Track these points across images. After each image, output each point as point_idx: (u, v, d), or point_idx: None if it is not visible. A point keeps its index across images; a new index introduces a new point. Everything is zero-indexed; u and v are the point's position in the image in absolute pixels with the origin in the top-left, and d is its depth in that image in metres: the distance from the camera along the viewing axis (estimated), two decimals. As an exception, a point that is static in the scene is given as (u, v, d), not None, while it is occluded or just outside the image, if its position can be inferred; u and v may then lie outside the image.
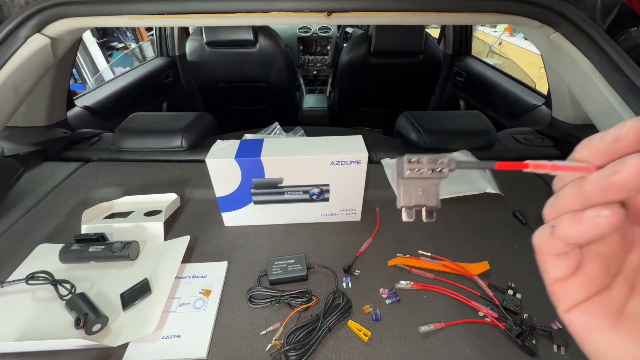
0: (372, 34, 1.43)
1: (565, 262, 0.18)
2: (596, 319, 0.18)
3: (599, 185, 0.15)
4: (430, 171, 0.20)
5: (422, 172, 0.20)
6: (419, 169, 0.20)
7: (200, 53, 1.54)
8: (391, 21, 0.63)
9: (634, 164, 0.14)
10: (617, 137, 0.15)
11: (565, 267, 0.18)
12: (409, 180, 0.20)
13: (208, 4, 0.60)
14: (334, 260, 0.55)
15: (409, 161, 0.20)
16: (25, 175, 0.76)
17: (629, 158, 0.14)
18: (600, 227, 0.15)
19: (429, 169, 0.20)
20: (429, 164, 0.20)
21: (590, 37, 0.60)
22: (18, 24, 0.61)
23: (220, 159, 0.54)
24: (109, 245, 0.54)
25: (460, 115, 0.98)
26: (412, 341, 0.44)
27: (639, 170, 0.14)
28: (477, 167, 0.20)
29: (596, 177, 0.15)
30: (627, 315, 0.18)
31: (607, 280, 0.18)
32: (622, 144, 0.15)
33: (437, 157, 0.20)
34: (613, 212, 0.15)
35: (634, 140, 0.14)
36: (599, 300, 0.18)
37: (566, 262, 0.18)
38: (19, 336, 0.43)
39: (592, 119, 0.64)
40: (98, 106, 1.18)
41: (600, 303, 0.18)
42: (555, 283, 0.19)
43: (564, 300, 0.19)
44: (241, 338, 0.45)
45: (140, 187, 0.72)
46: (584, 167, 0.16)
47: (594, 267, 0.18)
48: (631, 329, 0.18)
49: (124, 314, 0.47)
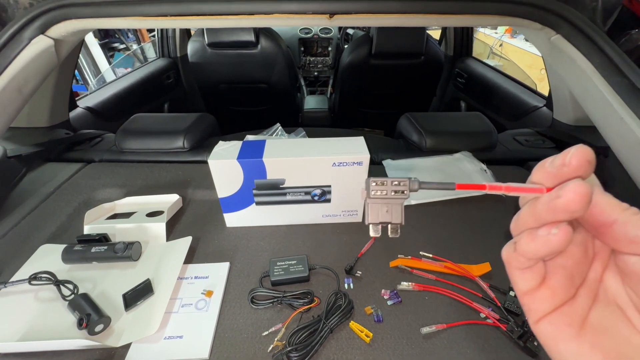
0: (373, 36, 1.44)
1: (530, 275, 0.19)
2: (561, 330, 0.19)
3: (547, 207, 0.17)
4: (393, 192, 0.23)
5: (386, 193, 0.23)
6: (383, 191, 0.23)
7: (201, 54, 1.54)
8: (393, 23, 0.64)
9: (571, 190, 0.15)
10: (562, 163, 0.16)
11: (531, 280, 0.19)
12: (375, 199, 0.23)
13: (210, 6, 0.61)
14: (335, 261, 0.55)
15: (374, 183, 0.22)
16: (27, 176, 0.77)
17: (569, 183, 0.16)
18: (552, 244, 0.17)
19: (392, 191, 0.23)
20: (392, 186, 0.22)
21: (591, 39, 0.60)
22: (22, 26, 0.62)
23: (222, 160, 0.55)
24: (112, 246, 0.54)
25: (462, 117, 0.98)
26: (413, 342, 0.44)
27: (576, 195, 0.15)
28: (439, 188, 0.21)
29: (544, 200, 0.17)
30: (589, 325, 0.19)
31: (571, 292, 0.19)
32: (567, 169, 0.16)
33: (399, 180, 0.22)
34: (561, 231, 0.16)
35: (576, 166, 0.16)
36: (564, 311, 0.19)
37: (531, 275, 0.19)
38: (21, 336, 0.43)
39: (593, 121, 0.64)
40: (100, 107, 1.18)
41: (564, 314, 0.19)
42: (524, 295, 0.20)
43: (533, 311, 0.20)
44: (243, 339, 0.45)
45: (142, 188, 0.72)
46: (536, 188, 0.18)
47: (557, 279, 0.19)
48: (593, 339, 0.19)
49: (126, 314, 0.47)
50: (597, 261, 0.20)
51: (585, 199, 0.15)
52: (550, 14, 0.62)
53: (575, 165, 0.16)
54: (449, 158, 0.80)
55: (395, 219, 0.24)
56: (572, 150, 0.16)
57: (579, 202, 0.16)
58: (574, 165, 0.16)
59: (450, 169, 0.77)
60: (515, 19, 0.64)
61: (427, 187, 0.22)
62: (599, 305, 0.19)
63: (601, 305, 0.19)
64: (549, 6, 0.62)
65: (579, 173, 0.16)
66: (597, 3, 0.63)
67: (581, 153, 0.16)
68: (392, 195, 0.23)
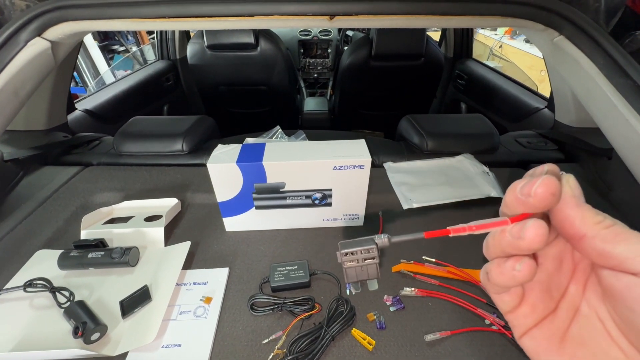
0: (373, 37, 1.43)
1: (508, 297, 0.20)
2: (542, 344, 0.20)
3: (510, 245, 0.18)
4: (363, 259, 0.25)
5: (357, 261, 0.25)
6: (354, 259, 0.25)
7: (201, 56, 1.54)
8: (394, 24, 0.63)
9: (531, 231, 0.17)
10: (528, 193, 0.17)
11: (510, 301, 0.20)
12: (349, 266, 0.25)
13: (209, 7, 0.60)
14: (337, 267, 0.54)
15: (344, 254, 0.25)
16: (24, 179, 0.76)
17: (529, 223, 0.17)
18: (517, 279, 0.18)
19: (363, 258, 0.25)
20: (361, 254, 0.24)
21: (594, 40, 0.59)
22: (18, 28, 0.61)
23: (221, 164, 0.54)
24: (109, 252, 0.53)
25: (463, 119, 0.97)
26: (417, 350, 0.43)
27: (536, 236, 0.17)
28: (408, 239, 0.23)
29: (507, 239, 0.18)
30: (569, 338, 0.19)
31: (551, 306, 0.20)
32: (532, 200, 0.17)
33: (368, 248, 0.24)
34: (524, 266, 0.17)
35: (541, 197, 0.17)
36: (545, 325, 0.20)
37: (509, 297, 0.20)
38: (14, 346, 0.42)
39: (597, 123, 0.63)
40: (99, 110, 1.17)
41: (545, 328, 0.20)
42: (507, 314, 0.21)
43: (517, 327, 0.21)
44: (243, 347, 0.44)
45: (141, 192, 0.71)
46: (500, 222, 0.19)
47: (535, 295, 0.20)
48: (573, 351, 0.19)
49: (123, 322, 0.46)
50: (577, 273, 0.20)
51: (544, 238, 0.17)
52: (553, 15, 0.61)
53: (540, 198, 0.17)
54: (450, 160, 0.79)
55: (372, 275, 0.26)
56: (538, 182, 0.17)
57: (539, 242, 0.17)
58: (538, 198, 0.17)
59: (452, 171, 0.76)
60: (517, 20, 0.63)
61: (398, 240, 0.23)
62: (580, 317, 0.19)
63: (582, 317, 0.19)
64: (552, 7, 0.61)
65: (543, 206, 0.17)
66: (600, 4, 0.62)
67: (546, 186, 0.17)
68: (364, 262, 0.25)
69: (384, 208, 0.66)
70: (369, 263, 0.25)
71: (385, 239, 0.23)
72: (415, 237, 0.22)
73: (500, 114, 1.33)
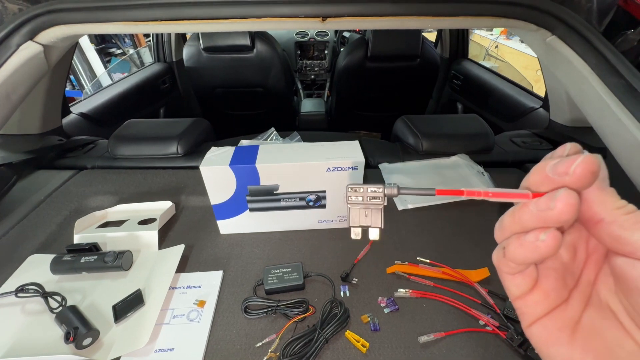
0: (368, 38, 1.44)
1: (521, 280, 0.19)
2: (553, 333, 0.19)
3: (536, 217, 0.16)
4: (369, 199, 0.24)
5: (362, 199, 0.24)
6: (359, 197, 0.24)
7: (197, 59, 1.54)
8: (387, 26, 0.63)
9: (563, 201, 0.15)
10: (565, 171, 0.16)
11: (523, 285, 0.19)
12: (354, 204, 0.24)
13: (202, 10, 0.60)
14: (331, 268, 0.54)
15: (350, 189, 0.24)
16: (18, 184, 0.75)
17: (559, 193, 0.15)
18: (541, 250, 0.16)
19: (368, 197, 0.24)
20: (368, 192, 0.24)
21: (587, 39, 0.59)
22: (10, 32, 0.60)
23: (214, 167, 0.53)
24: (102, 256, 0.53)
25: (458, 119, 0.97)
26: (411, 352, 0.43)
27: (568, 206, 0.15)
28: (419, 193, 0.22)
29: (532, 210, 0.16)
30: (581, 329, 0.19)
31: (564, 295, 0.19)
32: (569, 179, 0.16)
33: (375, 187, 0.23)
34: (549, 237, 0.16)
35: (580, 176, 0.15)
36: (556, 315, 0.19)
37: (523, 280, 0.19)
38: (5, 352, 0.42)
39: (591, 122, 0.63)
40: (94, 113, 1.17)
41: (557, 318, 0.19)
42: (517, 300, 0.20)
43: (525, 315, 0.20)
44: (236, 351, 0.44)
45: (135, 195, 0.71)
46: (521, 194, 0.17)
47: (549, 283, 0.19)
48: (585, 343, 0.18)
49: (115, 327, 0.45)
50: (590, 263, 0.19)
51: (576, 208, 0.15)
52: (545, 15, 0.62)
53: (579, 176, 0.15)
54: (445, 161, 0.79)
55: (375, 223, 0.25)
56: (578, 161, 0.15)
57: (571, 212, 0.15)
58: (577, 175, 0.15)
59: (447, 172, 0.76)
60: (510, 21, 0.63)
61: (407, 192, 0.22)
62: (592, 308, 0.19)
63: (594, 308, 0.19)
64: (544, 7, 0.61)
65: (581, 185, 0.16)
66: (592, 4, 0.62)
67: (587, 163, 0.15)
68: (369, 201, 0.24)
69: (379, 209, 0.65)
70: (374, 205, 0.24)
71: (395, 188, 0.23)
72: (426, 192, 0.21)
73: (496, 113, 1.34)
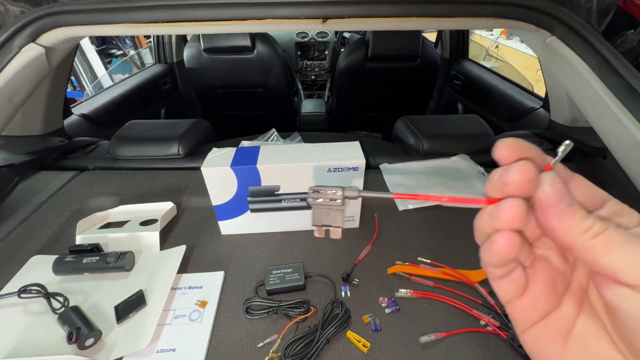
0: (369, 39, 1.44)
1: (508, 284, 0.19)
2: (545, 342, 0.19)
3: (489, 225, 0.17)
4: (329, 200, 0.25)
5: (322, 200, 0.26)
6: (319, 199, 0.26)
7: (198, 60, 1.54)
8: (387, 27, 0.63)
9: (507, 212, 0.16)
10: (505, 182, 0.17)
11: (510, 290, 0.19)
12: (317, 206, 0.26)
13: (203, 12, 0.60)
14: (332, 269, 0.54)
15: (312, 191, 0.26)
16: (20, 185, 0.76)
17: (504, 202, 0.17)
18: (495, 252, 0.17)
19: (327, 199, 0.25)
20: (327, 194, 0.25)
21: (586, 40, 0.60)
22: (12, 34, 0.61)
23: (215, 168, 0.54)
24: (104, 256, 0.53)
25: (459, 119, 0.97)
26: (412, 352, 0.43)
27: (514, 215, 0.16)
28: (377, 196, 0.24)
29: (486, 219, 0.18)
30: (574, 336, 0.18)
31: (555, 301, 0.19)
32: (509, 188, 0.17)
33: (335, 189, 0.25)
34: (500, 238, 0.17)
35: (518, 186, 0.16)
36: (549, 322, 0.19)
37: (509, 284, 0.19)
38: (8, 353, 0.42)
39: (591, 122, 0.63)
40: (95, 114, 1.17)
41: (548, 325, 0.19)
42: (507, 305, 0.20)
43: (518, 322, 0.20)
44: (238, 351, 0.44)
45: (136, 196, 0.71)
46: (474, 199, 0.18)
47: (538, 288, 0.19)
48: (578, 351, 0.18)
49: (117, 327, 0.46)
50: (581, 266, 0.19)
51: (521, 216, 0.16)
52: (545, 16, 0.62)
53: (517, 185, 0.16)
54: (446, 161, 0.79)
55: (336, 223, 0.27)
56: (514, 169, 0.16)
57: (517, 221, 0.16)
58: (515, 185, 0.16)
59: (448, 172, 0.76)
60: (510, 21, 0.64)
61: (366, 195, 0.24)
62: (585, 315, 0.19)
63: (587, 315, 0.18)
64: (544, 8, 0.61)
65: (522, 192, 0.16)
66: (592, 4, 0.62)
67: (521, 172, 0.16)
68: (329, 202, 0.25)
69: (380, 209, 0.66)
70: (334, 207, 0.26)
71: (355, 191, 0.25)
72: (384, 195, 0.23)
73: (497, 114, 1.34)
